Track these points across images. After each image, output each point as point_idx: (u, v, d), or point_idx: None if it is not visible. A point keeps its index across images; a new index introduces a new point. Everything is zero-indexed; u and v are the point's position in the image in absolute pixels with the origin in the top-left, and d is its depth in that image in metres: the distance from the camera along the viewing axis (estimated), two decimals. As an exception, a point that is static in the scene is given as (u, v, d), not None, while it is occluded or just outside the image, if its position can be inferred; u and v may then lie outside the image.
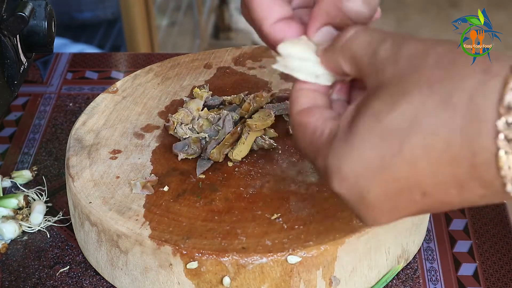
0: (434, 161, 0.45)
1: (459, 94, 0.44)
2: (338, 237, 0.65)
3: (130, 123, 0.80)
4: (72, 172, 0.73)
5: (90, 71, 1.00)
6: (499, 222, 0.77)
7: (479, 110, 0.44)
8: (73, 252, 0.75)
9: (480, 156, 0.44)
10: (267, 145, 0.75)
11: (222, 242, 0.65)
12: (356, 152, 0.48)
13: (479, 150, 0.44)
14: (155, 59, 1.00)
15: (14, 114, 0.93)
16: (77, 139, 0.77)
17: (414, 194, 0.47)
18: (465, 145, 0.44)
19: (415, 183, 0.47)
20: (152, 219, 0.68)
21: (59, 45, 1.53)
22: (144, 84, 0.85)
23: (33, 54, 0.79)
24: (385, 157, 0.47)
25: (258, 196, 0.70)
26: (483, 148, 0.44)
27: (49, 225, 0.77)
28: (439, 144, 0.45)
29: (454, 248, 0.74)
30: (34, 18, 0.75)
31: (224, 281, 0.65)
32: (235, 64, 0.88)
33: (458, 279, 0.71)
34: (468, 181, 0.45)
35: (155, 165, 0.74)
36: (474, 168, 0.45)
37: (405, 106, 0.46)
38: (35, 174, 0.83)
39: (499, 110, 0.43)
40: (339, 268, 0.66)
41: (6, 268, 0.73)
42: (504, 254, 0.73)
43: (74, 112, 0.93)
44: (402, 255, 0.71)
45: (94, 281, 0.72)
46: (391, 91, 0.47)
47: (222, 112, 0.77)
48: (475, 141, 0.44)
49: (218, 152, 0.74)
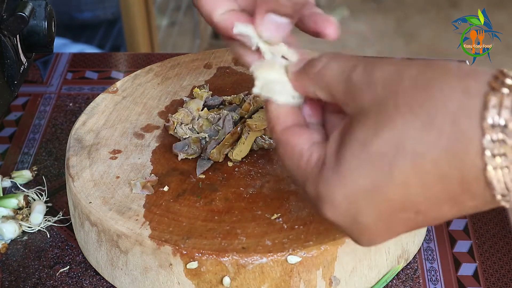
0: (424, 181, 0.46)
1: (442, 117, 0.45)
2: (338, 237, 0.65)
3: (130, 123, 0.80)
4: (72, 172, 0.73)
5: (90, 71, 1.00)
6: (499, 222, 0.77)
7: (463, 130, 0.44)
8: (73, 252, 0.75)
9: (469, 173, 0.45)
10: (267, 145, 0.75)
11: (222, 242, 0.65)
12: (347, 179, 0.48)
13: (468, 167, 0.45)
14: (155, 59, 1.00)
15: (14, 114, 0.93)
16: (77, 139, 0.77)
17: (407, 213, 0.48)
18: (453, 164, 0.45)
19: (408, 203, 0.47)
20: (152, 219, 0.68)
21: (59, 45, 1.53)
22: (144, 84, 0.85)
23: (33, 54, 0.79)
24: (376, 181, 0.47)
25: (258, 196, 0.70)
26: (471, 165, 0.45)
27: (49, 225, 0.77)
28: (427, 165, 0.46)
29: (454, 248, 0.74)
30: (34, 18, 0.75)
31: (224, 281, 0.65)
32: (235, 64, 0.88)
33: (458, 279, 0.71)
34: (459, 195, 0.46)
35: (155, 165, 0.74)
36: (464, 183, 0.45)
37: (389, 132, 0.46)
38: (35, 174, 0.83)
39: (483, 128, 0.44)
40: (339, 268, 0.66)
41: (6, 268, 0.73)
42: (504, 254, 0.73)
43: (74, 112, 0.93)
44: (402, 255, 0.71)
45: (94, 281, 0.72)
46: (373, 118, 0.47)
47: (222, 112, 0.77)
48: (462, 159, 0.45)
49: (218, 152, 0.74)
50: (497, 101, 0.44)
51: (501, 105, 0.43)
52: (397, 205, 0.47)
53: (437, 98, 0.45)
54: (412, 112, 0.46)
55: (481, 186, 0.45)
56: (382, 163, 0.47)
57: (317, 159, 0.51)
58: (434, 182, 0.46)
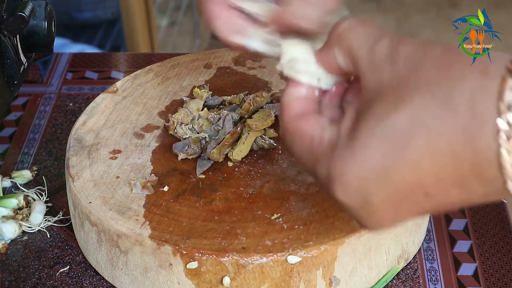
0: (437, 161, 0.46)
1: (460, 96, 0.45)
2: (338, 237, 0.65)
3: (130, 123, 0.80)
4: (72, 172, 0.73)
5: (90, 71, 1.00)
6: (499, 222, 0.77)
7: (480, 110, 0.44)
8: (73, 252, 0.75)
9: (482, 155, 0.45)
10: (267, 145, 0.75)
11: (222, 242, 0.65)
12: (360, 156, 0.48)
13: (481, 148, 0.44)
14: (155, 59, 1.00)
15: (14, 114, 0.93)
16: (77, 139, 0.77)
17: (416, 195, 0.48)
18: (467, 144, 0.45)
19: (418, 184, 0.47)
20: (152, 219, 0.68)
21: (59, 45, 1.53)
22: (144, 84, 0.85)
23: (33, 54, 0.79)
24: (389, 160, 0.47)
25: (258, 196, 0.70)
26: (485, 146, 0.44)
27: (49, 225, 0.77)
28: (442, 144, 0.45)
29: (454, 248, 0.74)
30: (34, 18, 0.75)
31: (224, 281, 0.65)
32: (235, 64, 0.88)
33: (458, 279, 0.71)
34: (469, 180, 0.46)
35: (155, 165, 0.74)
36: (476, 166, 0.45)
37: (407, 110, 0.46)
38: (35, 174, 0.83)
39: (500, 109, 0.44)
40: (339, 268, 0.66)
41: (6, 268, 0.73)
42: (504, 254, 0.73)
43: (74, 112, 0.93)
44: (402, 255, 0.71)
45: (94, 281, 0.72)
46: (393, 95, 0.47)
47: (222, 112, 0.77)
48: (477, 140, 0.44)
49: (218, 152, 0.74)
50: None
51: None
52: (408, 185, 0.47)
53: (456, 78, 0.45)
54: (431, 90, 0.46)
55: (494, 170, 0.45)
56: (397, 140, 0.46)
57: (329, 139, 0.50)
58: (446, 162, 0.46)
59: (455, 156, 0.45)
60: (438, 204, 0.48)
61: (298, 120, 0.53)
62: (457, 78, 0.45)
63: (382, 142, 0.47)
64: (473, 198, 0.47)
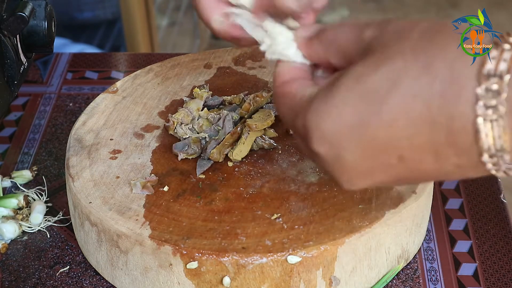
0: (411, 123, 0.46)
1: (441, 61, 0.45)
2: (338, 237, 0.65)
3: (130, 123, 0.80)
4: (72, 172, 0.73)
5: (90, 71, 1.00)
6: (499, 222, 0.77)
7: (459, 77, 0.45)
8: (73, 252, 0.75)
9: (458, 122, 0.45)
10: (267, 145, 0.75)
11: (222, 242, 0.65)
12: (335, 110, 0.48)
13: (458, 115, 0.45)
14: (155, 59, 1.00)
15: (14, 114, 0.93)
16: (77, 139, 0.77)
17: (390, 157, 0.48)
18: (443, 110, 0.45)
19: (392, 145, 0.47)
20: (152, 219, 0.68)
21: (59, 45, 1.53)
22: (144, 84, 0.85)
23: (33, 54, 0.79)
24: (363, 116, 0.47)
25: (258, 196, 0.70)
26: (461, 114, 0.45)
27: (49, 225, 0.77)
28: (418, 107, 0.46)
29: (454, 248, 0.74)
30: (34, 18, 0.75)
31: (224, 281, 0.65)
32: (235, 64, 0.88)
33: (458, 279, 0.71)
34: (444, 147, 0.46)
35: (155, 165, 0.74)
36: (451, 134, 0.45)
37: (387, 69, 0.47)
38: (35, 174, 0.83)
39: (479, 77, 0.44)
40: (339, 268, 0.66)
41: (6, 268, 0.73)
42: (504, 254, 0.73)
43: (74, 112, 0.93)
44: (402, 255, 0.71)
45: (94, 281, 0.72)
46: (375, 57, 0.48)
47: (222, 112, 0.77)
48: (454, 106, 0.45)
49: (218, 152, 0.74)
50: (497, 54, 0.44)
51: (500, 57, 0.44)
52: (381, 145, 0.48)
53: (438, 45, 0.46)
54: (414, 55, 0.46)
55: (469, 139, 0.45)
56: (373, 99, 0.47)
57: (309, 95, 0.51)
58: (421, 126, 0.46)
59: (430, 120, 0.46)
60: (412, 171, 0.48)
61: (286, 84, 0.54)
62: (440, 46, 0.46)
63: (358, 99, 0.48)
64: (447, 168, 0.47)
